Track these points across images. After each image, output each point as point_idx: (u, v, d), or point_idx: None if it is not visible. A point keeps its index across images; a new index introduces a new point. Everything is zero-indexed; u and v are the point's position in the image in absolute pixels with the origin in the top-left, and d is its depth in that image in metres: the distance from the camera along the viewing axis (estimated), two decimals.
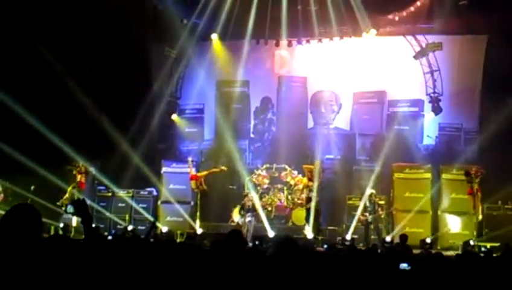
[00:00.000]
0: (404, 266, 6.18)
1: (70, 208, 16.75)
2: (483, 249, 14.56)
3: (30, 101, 17.27)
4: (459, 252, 13.73)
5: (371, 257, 6.45)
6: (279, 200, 19.08)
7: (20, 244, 3.49)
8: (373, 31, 20.16)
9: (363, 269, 5.99)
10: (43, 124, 17.34)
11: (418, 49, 20.54)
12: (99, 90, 19.19)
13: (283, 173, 19.27)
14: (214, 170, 18.79)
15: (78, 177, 18.15)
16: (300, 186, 18.68)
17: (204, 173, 18.64)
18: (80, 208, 4.50)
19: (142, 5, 19.84)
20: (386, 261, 6.64)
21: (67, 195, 17.72)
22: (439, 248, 16.59)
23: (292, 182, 19.10)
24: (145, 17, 19.95)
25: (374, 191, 17.06)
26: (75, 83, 18.09)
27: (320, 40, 20.84)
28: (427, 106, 20.73)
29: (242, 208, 17.47)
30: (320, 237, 16.62)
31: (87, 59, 19.53)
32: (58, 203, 17.70)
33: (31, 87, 17.92)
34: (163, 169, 20.14)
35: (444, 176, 18.35)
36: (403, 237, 13.68)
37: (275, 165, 19.58)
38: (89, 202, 18.52)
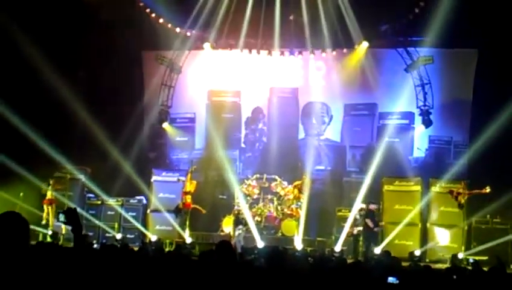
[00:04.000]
0: (392, 280, 6.17)
1: (61, 217, 16.58)
2: (471, 260, 14.61)
3: (20, 108, 17.22)
4: (448, 265, 13.80)
5: (359, 270, 6.46)
6: (269, 210, 19.04)
7: (6, 253, 3.46)
8: (365, 44, 20.25)
9: (351, 282, 5.99)
10: (33, 130, 17.28)
11: (409, 62, 20.63)
12: (90, 98, 19.17)
13: (273, 184, 19.25)
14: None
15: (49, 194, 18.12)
16: (291, 197, 18.72)
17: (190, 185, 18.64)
18: (71, 217, 4.49)
19: (135, 13, 19.83)
20: (374, 275, 6.65)
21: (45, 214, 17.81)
22: (427, 260, 16.64)
23: (282, 193, 19.09)
24: (138, 25, 19.93)
25: (364, 206, 17.07)
26: (66, 90, 18.05)
27: (312, 52, 20.89)
28: (418, 119, 20.81)
29: (236, 219, 17.46)
30: (309, 249, 16.62)
31: (79, 66, 19.50)
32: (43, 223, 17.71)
33: (20, 93, 17.87)
34: (153, 178, 20.08)
35: (433, 188, 18.41)
36: (385, 253, 13.63)
37: (265, 176, 19.55)
38: (78, 209, 18.46)
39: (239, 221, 17.35)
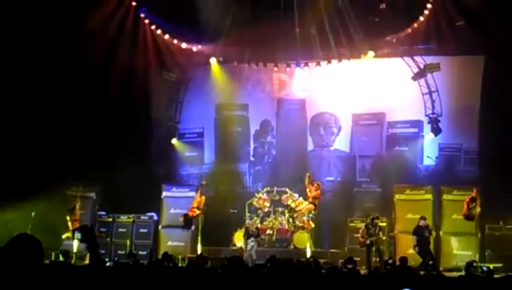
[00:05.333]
0: None
1: (78, 235, 16.67)
2: (485, 269, 14.49)
3: (30, 127, 17.31)
4: (462, 273, 13.69)
5: (373, 282, 6.42)
6: (281, 223, 18.98)
7: (20, 277, 3.46)
8: (371, 53, 20.25)
9: None
10: (43, 149, 17.35)
11: (416, 70, 20.58)
12: (99, 115, 19.23)
13: (284, 196, 19.18)
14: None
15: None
16: (300, 208, 18.66)
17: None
18: (87, 234, 4.50)
19: (142, 30, 19.94)
20: (388, 285, 6.61)
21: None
22: (441, 269, 16.51)
23: (293, 205, 19.02)
24: (144, 42, 20.03)
25: (377, 214, 17.02)
26: (73, 107, 18.16)
27: (318, 63, 20.89)
28: (427, 127, 20.72)
29: (246, 233, 17.45)
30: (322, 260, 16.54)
31: (85, 83, 19.57)
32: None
33: (31, 112, 17.96)
34: (164, 193, 20.12)
35: (444, 196, 18.32)
36: (403, 259, 13.59)
37: (275, 188, 19.48)
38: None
39: (250, 234, 17.33)
